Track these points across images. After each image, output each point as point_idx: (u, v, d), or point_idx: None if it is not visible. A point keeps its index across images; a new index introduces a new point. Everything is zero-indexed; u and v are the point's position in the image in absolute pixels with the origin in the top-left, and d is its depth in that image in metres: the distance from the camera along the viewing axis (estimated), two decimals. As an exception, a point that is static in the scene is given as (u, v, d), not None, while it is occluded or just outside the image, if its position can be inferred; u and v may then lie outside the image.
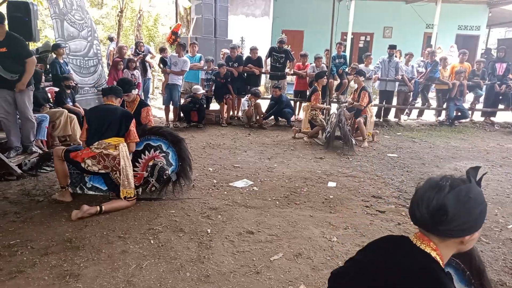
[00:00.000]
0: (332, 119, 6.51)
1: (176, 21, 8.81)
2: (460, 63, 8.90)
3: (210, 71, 8.48)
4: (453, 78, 8.60)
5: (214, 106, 8.79)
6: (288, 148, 6.39)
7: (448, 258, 1.15)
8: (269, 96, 9.09)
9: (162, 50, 8.11)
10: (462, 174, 1.12)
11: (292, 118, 8.47)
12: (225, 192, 4.24)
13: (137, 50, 8.78)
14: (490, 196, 4.43)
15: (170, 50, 9.52)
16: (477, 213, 1.07)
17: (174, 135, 4.05)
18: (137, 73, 7.77)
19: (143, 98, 7.73)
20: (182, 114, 8.14)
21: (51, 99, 6.07)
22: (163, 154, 4.02)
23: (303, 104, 7.37)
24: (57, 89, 6.29)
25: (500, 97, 9.03)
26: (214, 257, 2.89)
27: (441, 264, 1.10)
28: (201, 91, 7.85)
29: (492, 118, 9.20)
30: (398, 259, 1.13)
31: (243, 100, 8.11)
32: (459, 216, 1.05)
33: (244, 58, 8.61)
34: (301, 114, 8.84)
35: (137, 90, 4.47)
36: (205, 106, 8.17)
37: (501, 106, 9.20)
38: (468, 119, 8.95)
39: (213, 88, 8.33)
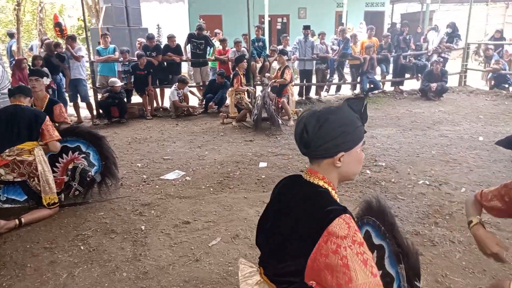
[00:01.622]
0: (258, 101, 6.64)
1: (83, 12, 8.17)
2: (369, 38, 9.55)
3: (127, 63, 8.08)
4: (364, 53, 9.22)
5: (137, 99, 8.44)
6: (218, 134, 6.40)
7: (336, 181, 1.25)
8: (193, 84, 8.97)
9: (56, 45, 7.44)
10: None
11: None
12: (157, 186, 4.14)
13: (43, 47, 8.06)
14: (402, 157, 4.89)
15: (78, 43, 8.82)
16: (338, 133, 1.16)
17: (93, 134, 3.83)
18: (47, 71, 7.13)
19: (57, 94, 7.17)
20: (101, 111, 7.69)
21: None
22: (83, 155, 3.77)
23: (228, 90, 7.38)
24: (-51, 96, 5.55)
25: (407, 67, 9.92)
26: (151, 252, 2.85)
27: (330, 189, 1.22)
28: (119, 84, 7.46)
29: (400, 87, 10.06)
30: (290, 195, 1.27)
31: (172, 89, 7.83)
32: (320, 136, 1.17)
33: (162, 47, 8.33)
34: (227, 100, 8.87)
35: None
36: (125, 99, 7.80)
37: (407, 75, 10.12)
38: (380, 90, 9.68)
39: (132, 80, 7.96)
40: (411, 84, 10.17)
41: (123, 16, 10.19)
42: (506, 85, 9.35)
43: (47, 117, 3.50)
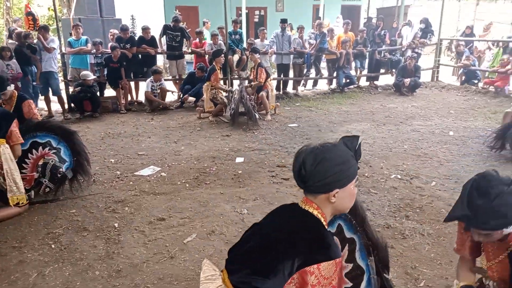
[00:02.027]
0: (235, 96, 6.60)
1: (54, 1, 7.84)
2: (345, 33, 9.62)
3: (100, 55, 7.86)
4: (340, 48, 9.30)
5: (110, 92, 8.23)
6: (194, 129, 6.34)
7: (329, 215, 1.31)
8: (170, 77, 8.82)
9: (26, 36, 7.12)
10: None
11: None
12: (131, 183, 4.08)
13: (12, 36, 7.71)
14: (376, 152, 5.00)
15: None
16: (334, 171, 1.22)
17: (64, 128, 3.73)
18: (15, 63, 6.85)
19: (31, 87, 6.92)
20: (73, 105, 7.46)
21: None
22: (54, 151, 3.67)
23: (204, 84, 7.29)
24: None
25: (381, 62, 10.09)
26: (125, 250, 2.81)
27: (322, 220, 1.27)
28: (91, 76, 7.25)
29: (375, 82, 10.23)
30: (286, 220, 1.32)
31: (147, 80, 7.66)
32: (317, 173, 1.22)
33: (136, 38, 8.14)
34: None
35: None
36: (98, 93, 7.59)
37: (382, 70, 10.30)
38: (355, 85, 9.82)
39: (106, 73, 7.75)
40: (386, 79, 10.37)
41: (95, 6, 9.88)
42: (476, 81, 9.66)
43: (16, 119, 3.40)
